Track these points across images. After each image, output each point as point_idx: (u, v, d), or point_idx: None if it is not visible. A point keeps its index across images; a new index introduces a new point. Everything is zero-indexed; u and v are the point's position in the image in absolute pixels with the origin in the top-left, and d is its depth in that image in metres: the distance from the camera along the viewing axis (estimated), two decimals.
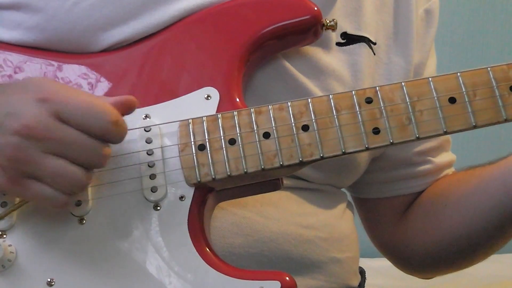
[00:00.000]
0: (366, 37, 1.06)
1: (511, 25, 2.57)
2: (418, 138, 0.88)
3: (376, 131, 0.88)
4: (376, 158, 1.13)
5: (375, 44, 1.07)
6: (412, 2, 1.12)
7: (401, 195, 1.17)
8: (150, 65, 0.96)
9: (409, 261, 1.19)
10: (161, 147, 0.90)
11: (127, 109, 0.85)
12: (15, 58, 0.96)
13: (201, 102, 0.92)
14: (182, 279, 0.86)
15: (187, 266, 0.86)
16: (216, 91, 0.93)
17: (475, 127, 0.88)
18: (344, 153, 0.88)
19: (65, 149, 0.82)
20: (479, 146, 2.33)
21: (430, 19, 1.16)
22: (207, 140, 0.89)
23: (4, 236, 0.88)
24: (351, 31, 1.05)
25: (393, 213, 1.18)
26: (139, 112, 0.89)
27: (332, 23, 0.97)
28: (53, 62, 0.96)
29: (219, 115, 0.90)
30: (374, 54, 1.07)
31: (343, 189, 1.14)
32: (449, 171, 1.20)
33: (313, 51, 1.02)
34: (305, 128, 0.89)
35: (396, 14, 1.11)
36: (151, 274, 0.87)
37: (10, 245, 0.87)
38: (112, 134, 0.83)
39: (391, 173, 1.16)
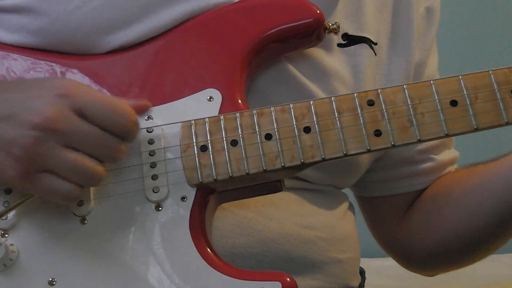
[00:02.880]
0: (367, 38, 1.06)
1: (511, 25, 2.57)
2: (419, 141, 0.88)
3: (378, 133, 0.88)
4: (378, 158, 1.13)
5: (376, 44, 1.07)
6: (412, 1, 1.11)
7: (404, 193, 1.17)
8: (153, 67, 0.96)
9: (413, 258, 1.19)
10: (163, 148, 0.90)
11: (140, 112, 0.89)
12: (18, 64, 0.96)
13: (204, 104, 0.92)
14: (183, 279, 0.86)
15: (188, 266, 0.87)
16: (219, 92, 0.93)
17: (476, 130, 0.88)
18: (345, 155, 0.88)
19: (84, 143, 0.83)
20: (479, 144, 2.33)
21: (431, 17, 1.15)
22: (209, 141, 0.89)
23: (6, 235, 0.88)
24: (352, 32, 1.05)
25: (395, 211, 1.18)
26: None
27: (334, 26, 0.97)
28: (56, 66, 0.96)
29: (221, 117, 0.90)
30: (375, 54, 1.07)
31: (345, 190, 1.14)
32: (452, 168, 1.20)
33: (315, 53, 1.01)
34: (307, 129, 0.89)
35: (396, 14, 1.10)
36: (152, 274, 0.87)
37: (12, 244, 0.87)
38: (131, 133, 0.85)
39: (394, 172, 1.16)
